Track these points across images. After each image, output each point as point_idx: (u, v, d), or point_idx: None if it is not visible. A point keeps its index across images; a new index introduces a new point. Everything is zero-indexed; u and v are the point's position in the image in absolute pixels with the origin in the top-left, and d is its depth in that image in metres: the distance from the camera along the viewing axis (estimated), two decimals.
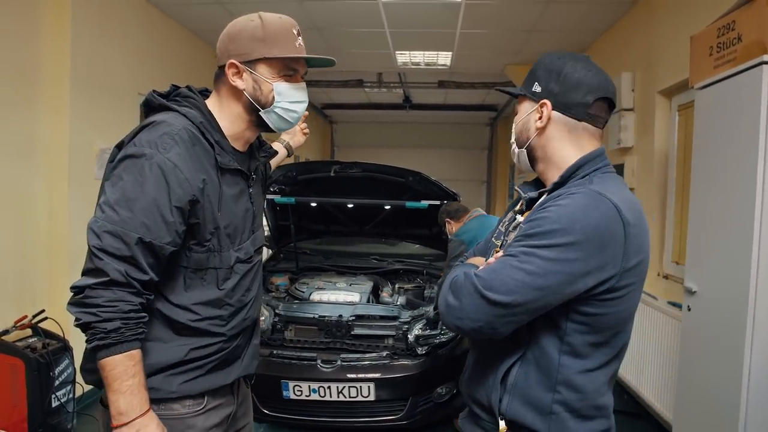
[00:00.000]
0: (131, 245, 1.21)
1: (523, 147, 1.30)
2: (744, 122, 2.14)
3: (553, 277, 1.08)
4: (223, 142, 1.38)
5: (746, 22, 2.13)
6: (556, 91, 1.23)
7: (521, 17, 4.69)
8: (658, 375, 3.36)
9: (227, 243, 1.38)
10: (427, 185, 3.69)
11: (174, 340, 1.36)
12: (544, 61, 1.28)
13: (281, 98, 1.38)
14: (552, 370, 1.16)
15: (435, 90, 7.71)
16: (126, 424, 1.23)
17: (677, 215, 3.65)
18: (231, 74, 1.37)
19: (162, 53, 4.71)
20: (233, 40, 1.38)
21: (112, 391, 1.23)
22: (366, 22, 4.93)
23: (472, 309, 1.13)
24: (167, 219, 1.24)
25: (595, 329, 1.16)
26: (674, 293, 3.40)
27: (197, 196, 1.28)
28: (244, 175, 1.44)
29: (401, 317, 3.19)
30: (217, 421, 1.46)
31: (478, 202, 11.19)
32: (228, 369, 1.46)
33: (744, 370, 2.09)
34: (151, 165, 1.23)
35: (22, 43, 3.32)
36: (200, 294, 1.36)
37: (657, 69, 3.82)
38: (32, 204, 3.47)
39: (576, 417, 1.18)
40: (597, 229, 1.09)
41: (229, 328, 1.42)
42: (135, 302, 1.24)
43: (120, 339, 1.22)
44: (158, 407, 1.34)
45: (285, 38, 1.37)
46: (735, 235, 2.18)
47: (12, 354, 3.10)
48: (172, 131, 1.28)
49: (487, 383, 1.25)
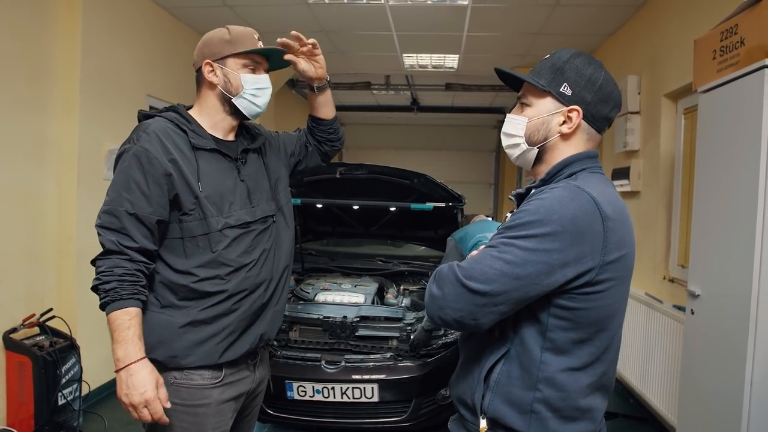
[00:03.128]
0: (121, 218, 1.48)
1: (535, 146, 1.27)
2: (747, 125, 2.13)
3: (530, 266, 1.10)
4: (199, 130, 1.64)
5: (748, 26, 2.13)
6: (589, 99, 1.21)
7: (528, 20, 4.70)
8: (663, 379, 3.35)
9: (213, 210, 1.58)
10: (432, 187, 3.70)
11: (182, 303, 1.57)
12: (571, 61, 1.23)
13: (248, 86, 1.65)
14: (533, 367, 1.17)
15: (442, 92, 7.73)
16: (123, 368, 1.45)
17: (683, 218, 3.64)
18: (206, 72, 1.65)
19: (171, 55, 4.76)
20: (207, 45, 1.67)
21: (113, 341, 1.46)
22: (373, 25, 4.96)
23: (454, 298, 1.14)
24: (145, 192, 1.50)
25: (577, 325, 1.16)
26: (680, 297, 3.38)
27: (169, 170, 1.52)
28: (227, 156, 1.66)
29: (406, 319, 3.19)
30: (233, 395, 1.65)
31: (485, 205, 11.18)
32: (245, 336, 1.65)
33: (746, 373, 2.08)
34: (130, 155, 1.52)
35: (33, 45, 3.36)
36: (198, 258, 1.57)
37: (663, 72, 3.81)
38: (42, 204, 3.51)
39: (558, 417, 1.18)
40: (574, 220, 1.10)
41: (231, 284, 1.60)
42: (129, 268, 1.48)
43: (116, 297, 1.46)
44: (181, 374, 1.58)
45: (248, 39, 1.64)
46: (737, 239, 2.18)
47: (20, 352, 3.15)
48: (145, 127, 1.57)
49: (471, 382, 1.26)
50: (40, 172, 3.48)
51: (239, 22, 1.64)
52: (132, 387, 1.43)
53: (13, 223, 3.30)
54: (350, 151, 11.50)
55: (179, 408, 1.55)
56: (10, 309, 3.29)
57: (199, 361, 1.58)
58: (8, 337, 3.18)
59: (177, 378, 1.58)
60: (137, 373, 1.44)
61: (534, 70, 1.28)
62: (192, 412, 1.58)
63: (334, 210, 4.17)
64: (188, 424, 1.58)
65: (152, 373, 1.47)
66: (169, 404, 1.49)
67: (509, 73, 1.30)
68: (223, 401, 1.62)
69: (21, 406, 3.16)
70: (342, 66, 6.50)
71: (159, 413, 1.46)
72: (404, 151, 10.84)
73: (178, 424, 1.57)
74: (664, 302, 3.50)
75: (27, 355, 3.14)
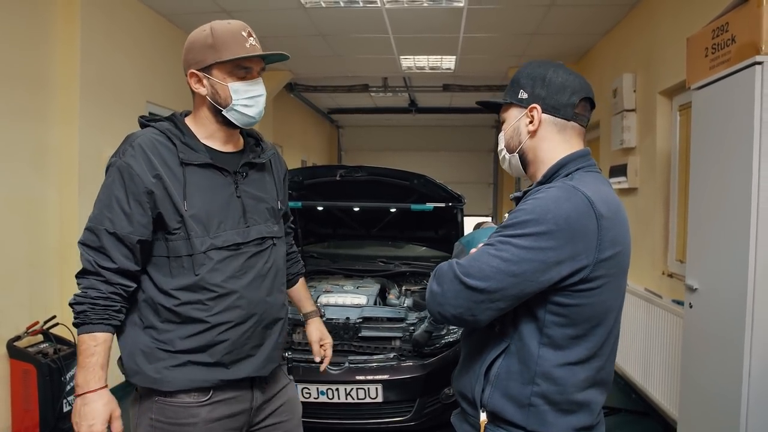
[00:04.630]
0: (101, 236, 1.42)
1: (514, 152, 1.35)
2: (739, 121, 2.16)
3: (526, 264, 1.14)
4: (193, 142, 1.51)
5: (739, 24, 2.16)
6: (543, 94, 1.29)
7: (523, 21, 4.73)
8: (663, 373, 3.37)
9: (198, 230, 1.46)
10: (432, 188, 3.73)
11: (164, 326, 1.48)
12: (524, 70, 1.34)
13: (238, 96, 1.49)
14: (531, 362, 1.21)
15: (440, 93, 7.76)
16: (80, 395, 1.41)
17: (680, 214, 3.66)
18: (193, 83, 1.51)
19: (170, 61, 4.73)
20: (189, 51, 1.52)
21: (77, 364, 1.43)
22: (370, 28, 4.99)
23: (452, 295, 1.19)
24: (126, 211, 1.42)
25: (573, 321, 1.20)
26: (679, 291, 3.41)
27: (151, 187, 1.43)
28: (223, 170, 1.53)
29: (408, 319, 3.22)
30: (226, 413, 1.53)
31: (485, 205, 11.22)
32: (237, 366, 1.52)
33: (744, 366, 2.10)
34: (113, 170, 1.45)
35: (32, 52, 3.36)
36: (181, 280, 1.47)
37: (658, 70, 3.85)
38: (43, 211, 3.50)
39: (555, 410, 1.21)
40: (568, 219, 1.14)
41: (213, 313, 1.48)
42: (104, 290, 1.42)
43: (85, 320, 1.41)
44: (166, 394, 1.48)
45: (234, 41, 1.48)
46: (732, 232, 2.21)
47: (24, 359, 3.14)
48: (132, 140, 1.47)
49: (472, 376, 1.30)
50: (41, 179, 3.48)
51: None
52: (82, 416, 1.40)
53: (14, 230, 3.29)
54: (349, 153, 11.53)
55: (165, 426, 1.48)
56: (14, 317, 3.27)
57: (181, 386, 1.48)
58: (12, 345, 3.17)
59: (161, 396, 1.49)
60: (91, 403, 1.40)
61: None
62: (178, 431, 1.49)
63: (335, 212, 4.20)
64: None
65: (107, 405, 1.42)
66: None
67: (486, 102, 1.43)
68: (213, 420, 1.50)
69: (26, 413, 3.15)
70: (339, 69, 6.51)
71: None
72: (403, 153, 10.88)
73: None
74: (664, 297, 3.52)
75: (31, 362, 3.13)
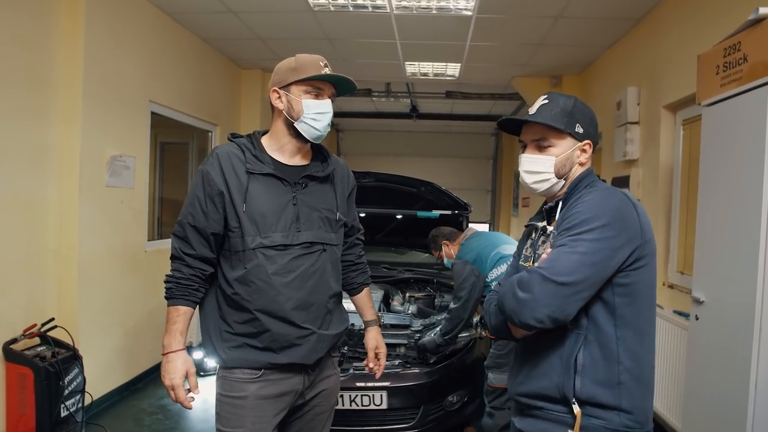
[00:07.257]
0: (185, 228, 1.76)
1: (562, 178, 1.53)
2: (750, 138, 2.19)
3: (600, 253, 1.35)
4: (261, 155, 1.79)
5: (751, 44, 2.19)
6: (592, 133, 1.55)
7: (530, 31, 4.76)
8: (665, 384, 3.39)
9: (252, 230, 1.72)
10: (438, 195, 3.74)
11: (228, 310, 1.77)
12: (578, 105, 1.54)
13: (308, 110, 1.76)
14: (612, 343, 1.40)
15: (442, 100, 7.77)
16: (164, 354, 1.74)
17: (682, 226, 3.69)
18: (274, 98, 1.80)
19: (174, 62, 4.73)
20: (276, 73, 1.82)
21: (165, 330, 1.75)
22: (377, 33, 4.99)
23: (544, 296, 1.33)
24: (203, 208, 1.74)
25: (634, 298, 1.41)
26: (680, 302, 3.45)
27: (222, 190, 1.72)
28: (284, 180, 1.78)
29: (413, 326, 3.22)
30: (274, 392, 1.78)
31: (483, 212, 11.23)
32: (285, 352, 1.77)
33: (751, 379, 2.12)
34: (198, 175, 1.78)
35: (36, 52, 3.32)
36: (237, 272, 1.75)
37: (662, 84, 3.88)
38: (43, 211, 3.44)
39: (639, 384, 1.41)
40: (618, 211, 1.39)
41: (255, 306, 1.73)
42: (185, 273, 1.76)
43: (171, 296, 1.76)
44: (226, 369, 1.78)
45: (312, 66, 1.76)
46: (741, 246, 2.23)
47: (21, 363, 3.06)
48: (215, 152, 1.80)
49: (554, 375, 1.43)
50: (41, 179, 3.41)
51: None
52: (165, 371, 1.73)
53: (13, 231, 3.22)
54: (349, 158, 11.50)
55: (223, 398, 1.78)
56: (11, 319, 3.19)
57: (237, 364, 1.76)
58: (8, 348, 3.08)
59: (223, 370, 1.79)
60: (172, 361, 1.72)
61: (543, 116, 1.50)
62: (232, 403, 1.76)
63: None
64: (230, 414, 1.77)
65: (184, 364, 1.73)
66: (198, 391, 1.76)
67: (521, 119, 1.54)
68: (261, 397, 1.76)
69: (21, 418, 3.07)
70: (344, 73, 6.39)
71: (180, 398, 1.73)
72: (403, 158, 10.87)
73: (223, 413, 1.78)
74: (665, 308, 3.55)
75: (28, 366, 3.05)
